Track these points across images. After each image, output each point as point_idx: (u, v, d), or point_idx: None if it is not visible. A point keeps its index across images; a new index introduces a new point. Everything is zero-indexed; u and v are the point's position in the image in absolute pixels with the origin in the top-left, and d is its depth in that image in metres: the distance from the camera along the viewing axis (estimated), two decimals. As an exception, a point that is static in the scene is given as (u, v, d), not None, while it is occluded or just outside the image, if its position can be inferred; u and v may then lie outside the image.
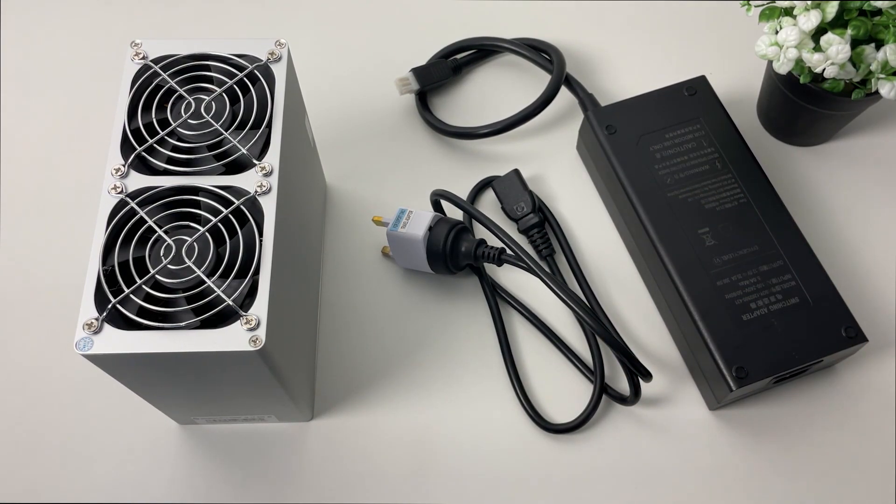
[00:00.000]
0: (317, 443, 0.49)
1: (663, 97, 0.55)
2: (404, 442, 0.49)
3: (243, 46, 0.44)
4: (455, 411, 0.50)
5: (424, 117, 0.59)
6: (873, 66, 0.47)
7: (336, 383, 0.51)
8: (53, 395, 0.50)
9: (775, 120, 0.58)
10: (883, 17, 0.47)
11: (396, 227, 0.51)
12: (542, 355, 0.51)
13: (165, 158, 0.41)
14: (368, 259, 0.55)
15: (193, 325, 0.36)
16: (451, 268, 0.51)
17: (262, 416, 0.48)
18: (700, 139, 0.53)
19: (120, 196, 0.39)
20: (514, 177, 0.56)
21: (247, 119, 0.42)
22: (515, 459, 0.49)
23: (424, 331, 0.52)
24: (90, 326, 0.36)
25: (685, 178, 0.52)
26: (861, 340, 0.47)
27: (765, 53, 0.49)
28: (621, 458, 0.48)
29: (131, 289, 0.37)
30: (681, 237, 0.50)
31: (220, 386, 0.42)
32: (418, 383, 0.51)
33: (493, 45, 0.61)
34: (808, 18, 0.46)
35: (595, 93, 0.59)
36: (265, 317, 0.36)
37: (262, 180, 0.40)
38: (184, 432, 0.49)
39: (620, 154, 0.53)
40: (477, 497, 0.48)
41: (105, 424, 0.50)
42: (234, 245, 0.38)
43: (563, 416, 0.49)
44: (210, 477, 0.48)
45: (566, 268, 0.54)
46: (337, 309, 0.53)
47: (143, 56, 0.43)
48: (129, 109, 0.42)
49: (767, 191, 0.52)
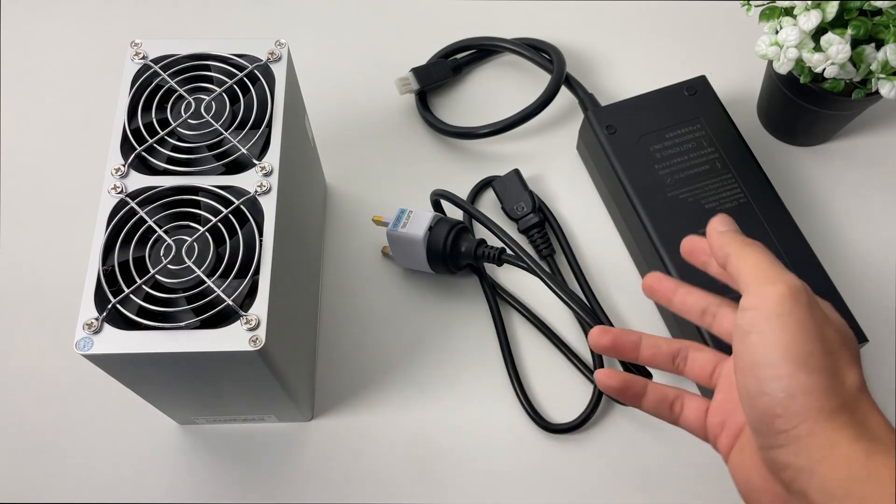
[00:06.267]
0: (317, 443, 0.49)
1: (663, 97, 0.55)
2: (404, 442, 0.49)
3: (243, 46, 0.44)
4: (455, 411, 0.50)
5: (424, 117, 0.59)
6: (873, 66, 0.47)
7: (336, 383, 0.51)
8: (53, 395, 0.50)
9: (775, 120, 0.58)
10: (883, 17, 0.47)
11: (396, 227, 0.51)
12: (542, 355, 0.51)
13: (165, 158, 0.41)
14: (368, 259, 0.55)
15: (193, 325, 0.36)
16: (451, 268, 0.51)
17: (262, 416, 0.48)
18: (700, 139, 0.53)
19: (120, 196, 0.39)
20: (514, 177, 0.56)
21: (247, 119, 0.42)
22: (515, 459, 0.49)
23: (424, 331, 0.52)
24: (90, 326, 0.36)
25: (685, 178, 0.52)
26: (861, 340, 0.47)
27: (765, 53, 0.49)
28: (621, 458, 0.48)
29: (131, 289, 0.37)
30: (681, 237, 0.50)
31: (220, 386, 0.42)
32: (418, 383, 0.51)
33: (493, 45, 0.61)
34: (809, 18, 0.46)
35: (595, 93, 0.59)
36: (265, 317, 0.37)
37: (262, 180, 0.40)
38: (184, 432, 0.49)
39: (620, 154, 0.53)
40: (477, 497, 0.48)
41: (105, 424, 0.49)
42: (234, 245, 0.38)
43: (563, 416, 0.49)
44: (210, 477, 0.48)
45: (566, 268, 0.54)
46: (337, 309, 0.53)
47: (143, 56, 0.43)
48: (129, 109, 0.42)
49: (767, 191, 0.52)
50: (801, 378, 0.29)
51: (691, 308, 0.39)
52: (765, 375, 0.30)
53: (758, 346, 0.30)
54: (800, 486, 0.29)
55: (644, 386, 0.39)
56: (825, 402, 0.29)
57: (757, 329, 0.31)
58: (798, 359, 0.30)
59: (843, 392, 0.30)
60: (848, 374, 0.30)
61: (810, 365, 0.30)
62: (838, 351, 0.31)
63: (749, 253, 0.33)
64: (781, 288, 0.31)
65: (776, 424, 0.30)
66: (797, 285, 0.31)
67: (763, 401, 0.30)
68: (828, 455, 0.29)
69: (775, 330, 0.30)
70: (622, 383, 0.38)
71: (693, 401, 0.38)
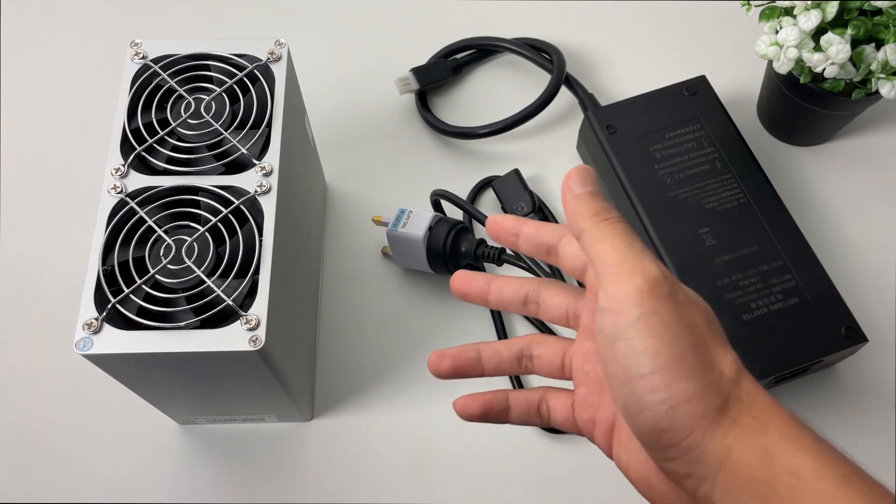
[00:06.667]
0: (317, 443, 0.49)
1: (663, 97, 0.55)
2: (404, 442, 0.49)
3: (243, 46, 0.44)
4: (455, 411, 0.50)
5: (424, 117, 0.59)
6: (873, 66, 0.47)
7: (336, 383, 0.51)
8: (53, 395, 0.50)
9: (775, 120, 0.58)
10: (883, 17, 0.47)
11: (396, 227, 0.51)
12: (542, 355, 0.51)
13: (165, 158, 0.41)
14: (368, 259, 0.55)
15: (193, 325, 0.36)
16: (451, 268, 0.51)
17: (262, 416, 0.48)
18: (700, 139, 0.53)
19: (120, 196, 0.39)
20: (514, 177, 0.56)
21: (247, 119, 0.42)
22: (515, 459, 0.49)
23: (424, 331, 0.52)
24: (90, 326, 0.36)
25: (685, 178, 0.52)
26: (861, 340, 0.47)
27: (765, 53, 0.49)
28: (621, 458, 0.48)
29: (131, 289, 0.37)
30: (681, 237, 0.50)
31: (219, 386, 0.42)
32: (418, 383, 0.51)
33: (493, 45, 0.61)
34: (809, 18, 0.46)
35: (595, 93, 0.59)
36: (265, 317, 0.36)
37: (261, 180, 0.40)
38: (184, 432, 0.49)
39: (620, 154, 0.53)
40: (477, 497, 0.48)
41: (105, 424, 0.49)
42: (234, 245, 0.38)
43: (563, 416, 0.49)
44: (210, 477, 0.48)
45: (566, 268, 0.54)
46: (337, 309, 0.53)
47: (143, 56, 0.43)
48: (128, 109, 0.42)
49: (767, 191, 0.52)
50: (679, 387, 0.27)
51: (510, 300, 0.36)
52: (640, 388, 0.28)
53: (627, 355, 0.28)
54: (703, 493, 0.28)
55: (505, 399, 0.35)
56: (708, 404, 0.27)
57: (622, 335, 0.28)
58: (671, 365, 0.27)
59: (722, 385, 0.28)
60: (723, 360, 0.28)
61: (685, 368, 0.27)
62: (707, 336, 0.29)
63: (604, 233, 0.30)
64: (639, 282, 0.28)
65: (663, 439, 0.28)
66: (655, 275, 0.28)
67: (645, 416, 0.28)
68: (725, 460, 0.27)
69: (641, 334, 0.28)
70: (484, 405, 0.35)
71: (557, 397, 0.35)
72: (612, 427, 0.33)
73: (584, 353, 0.34)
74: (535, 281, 0.36)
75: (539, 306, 0.35)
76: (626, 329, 0.28)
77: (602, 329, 0.29)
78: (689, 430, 0.27)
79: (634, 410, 0.28)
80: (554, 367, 0.35)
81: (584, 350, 0.34)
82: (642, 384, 0.28)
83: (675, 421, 0.27)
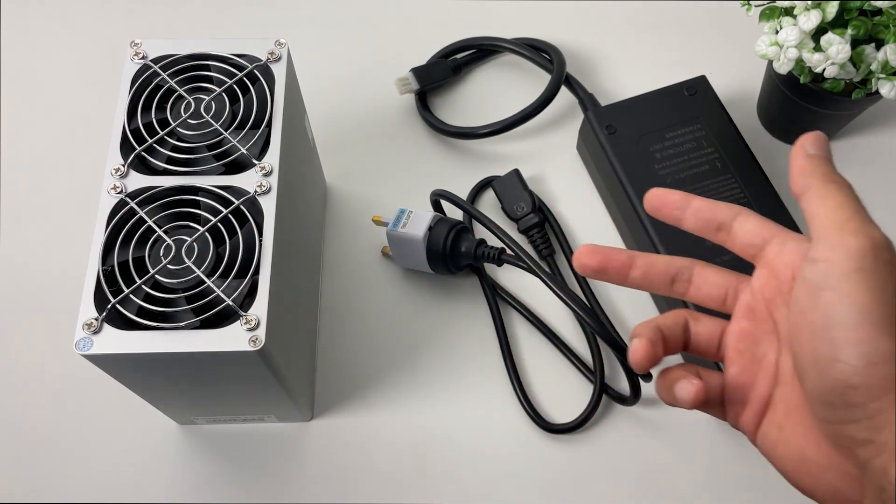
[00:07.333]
0: (317, 443, 0.49)
1: (663, 97, 0.55)
2: (404, 442, 0.49)
3: (243, 46, 0.44)
4: (455, 411, 0.50)
5: (424, 117, 0.59)
6: (873, 66, 0.47)
7: (336, 383, 0.51)
8: (53, 395, 0.50)
9: (775, 120, 0.58)
10: (883, 17, 0.47)
11: (396, 227, 0.51)
12: (542, 355, 0.51)
13: (165, 158, 0.41)
14: (368, 259, 0.55)
15: (193, 325, 0.36)
16: (451, 268, 0.51)
17: (261, 416, 0.48)
18: (700, 139, 0.53)
19: (120, 196, 0.39)
20: (514, 177, 0.56)
21: (246, 119, 0.42)
22: (515, 459, 0.49)
23: (424, 331, 0.52)
24: (90, 326, 0.36)
25: (685, 178, 0.52)
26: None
27: (765, 53, 0.49)
28: (621, 458, 0.48)
29: (131, 289, 0.37)
30: (681, 237, 0.50)
31: (219, 386, 0.42)
32: (418, 383, 0.51)
33: (493, 45, 0.61)
34: (809, 18, 0.46)
35: (595, 93, 0.59)
36: (265, 317, 0.36)
37: (261, 180, 0.40)
38: (184, 432, 0.49)
39: (620, 154, 0.53)
40: (477, 497, 0.48)
41: (105, 424, 0.50)
42: (234, 245, 0.38)
43: (563, 416, 0.49)
44: (210, 477, 0.48)
45: (566, 268, 0.54)
46: (337, 309, 0.53)
47: (143, 56, 0.43)
48: (128, 109, 0.42)
49: (767, 191, 0.52)
50: (882, 344, 0.26)
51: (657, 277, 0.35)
52: (840, 339, 0.27)
53: (833, 304, 0.27)
54: (880, 464, 0.26)
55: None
56: None
57: (832, 286, 0.27)
58: (880, 321, 0.26)
59: None
60: None
61: (893, 330, 0.26)
62: None
63: (832, 192, 0.29)
64: (863, 241, 0.27)
65: (851, 396, 0.26)
66: (881, 240, 0.28)
67: (837, 369, 0.27)
68: None
69: (854, 288, 0.27)
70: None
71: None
72: (765, 406, 0.32)
73: (739, 331, 0.33)
74: (686, 259, 0.35)
75: (690, 285, 0.35)
76: (837, 279, 0.27)
77: (809, 277, 0.28)
78: (883, 391, 0.26)
79: (826, 361, 0.27)
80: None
81: (739, 328, 0.33)
82: (844, 335, 0.27)
83: (870, 378, 0.26)
